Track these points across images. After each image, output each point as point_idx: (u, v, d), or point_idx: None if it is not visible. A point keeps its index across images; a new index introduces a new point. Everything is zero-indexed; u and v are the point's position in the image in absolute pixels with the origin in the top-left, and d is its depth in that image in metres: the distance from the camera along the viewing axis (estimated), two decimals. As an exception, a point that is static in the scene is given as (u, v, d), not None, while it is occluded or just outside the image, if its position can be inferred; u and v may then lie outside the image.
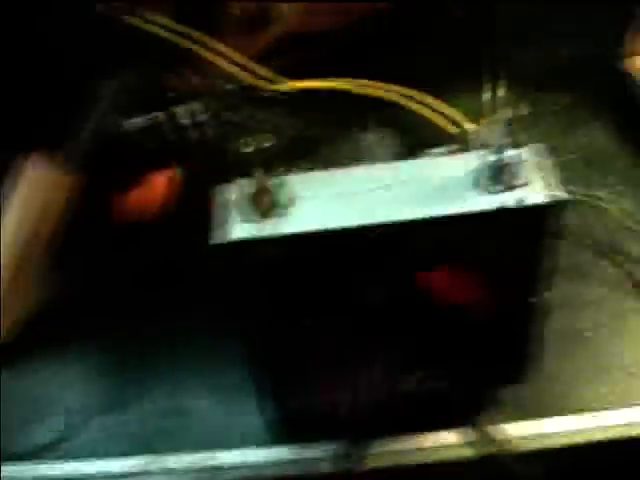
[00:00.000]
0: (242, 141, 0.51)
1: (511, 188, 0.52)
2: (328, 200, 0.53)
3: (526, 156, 0.52)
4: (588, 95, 0.95)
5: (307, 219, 0.52)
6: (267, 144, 0.49)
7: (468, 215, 0.51)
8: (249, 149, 0.51)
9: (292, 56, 0.85)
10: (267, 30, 0.80)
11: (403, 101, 0.77)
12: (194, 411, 0.71)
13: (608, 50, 0.94)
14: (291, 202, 0.53)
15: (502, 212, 0.51)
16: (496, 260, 0.55)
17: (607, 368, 0.72)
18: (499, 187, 0.52)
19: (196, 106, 0.73)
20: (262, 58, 0.82)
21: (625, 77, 0.93)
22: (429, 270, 0.56)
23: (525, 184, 0.52)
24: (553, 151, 0.86)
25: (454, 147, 0.70)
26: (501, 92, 0.80)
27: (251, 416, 0.68)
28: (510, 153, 0.51)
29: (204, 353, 0.73)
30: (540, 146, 0.54)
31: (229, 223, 0.52)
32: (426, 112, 0.78)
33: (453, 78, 0.94)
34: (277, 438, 0.68)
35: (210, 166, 0.68)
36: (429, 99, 0.79)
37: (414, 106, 0.78)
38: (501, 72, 0.86)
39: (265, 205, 0.53)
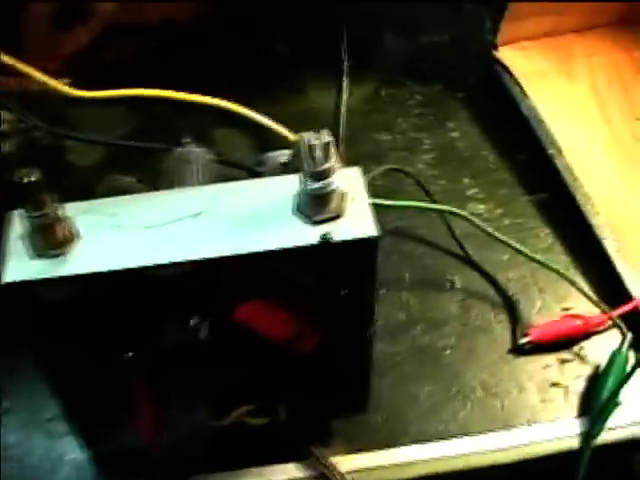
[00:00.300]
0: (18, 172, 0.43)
1: (324, 221, 0.46)
2: (126, 233, 0.47)
3: (342, 182, 0.46)
4: (458, 85, 0.89)
5: (97, 257, 0.45)
6: (34, 177, 0.42)
7: (278, 250, 0.45)
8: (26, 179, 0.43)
9: (117, 52, 0.77)
10: (86, 25, 0.71)
11: (234, 107, 0.69)
12: (12, 446, 0.64)
13: (481, 38, 0.89)
14: (80, 235, 0.46)
15: (312, 247, 0.45)
16: (319, 292, 0.50)
17: (466, 388, 0.67)
18: (314, 218, 0.46)
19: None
20: (83, 56, 0.74)
21: (498, 67, 0.87)
22: (245, 304, 0.50)
23: (339, 216, 0.46)
24: (416, 147, 0.83)
25: (288, 152, 0.64)
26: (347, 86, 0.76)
27: (72, 452, 0.63)
28: (325, 180, 0.45)
29: (24, 384, 0.66)
30: (357, 170, 0.48)
31: (6, 261, 0.46)
32: (260, 119, 0.71)
33: (307, 72, 0.87)
34: (99, 477, 0.63)
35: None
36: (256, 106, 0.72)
37: (247, 113, 0.70)
38: (358, 62, 0.80)
39: (51, 239, 0.45)
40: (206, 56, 0.87)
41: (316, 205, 0.46)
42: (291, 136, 0.69)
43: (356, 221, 0.46)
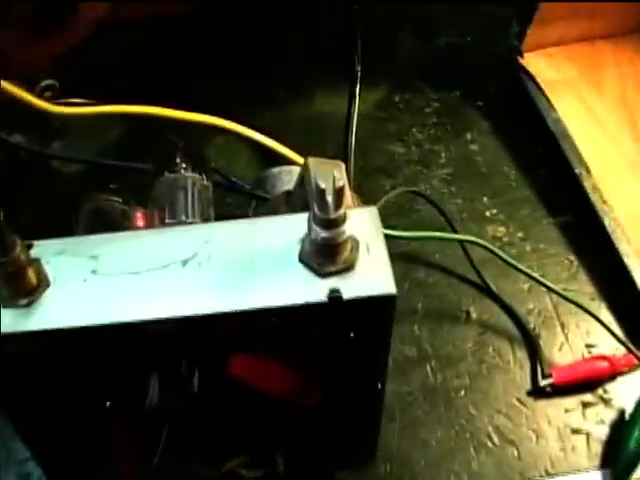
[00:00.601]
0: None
1: (334, 273, 0.39)
2: (105, 280, 0.40)
3: (356, 227, 0.40)
4: (478, 93, 0.83)
5: (68, 310, 0.39)
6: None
7: (278, 308, 0.39)
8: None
9: (111, 51, 0.70)
10: (71, 23, 0.65)
11: (235, 127, 0.63)
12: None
13: (505, 41, 0.82)
14: (52, 282, 0.40)
15: (318, 305, 0.39)
16: (323, 347, 0.44)
17: (480, 434, 0.62)
18: (322, 270, 0.40)
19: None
20: (72, 56, 0.67)
21: (522, 74, 0.81)
22: (240, 358, 0.44)
23: (350, 268, 0.39)
24: (431, 160, 0.77)
25: (292, 170, 0.58)
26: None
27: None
28: (336, 229, 0.38)
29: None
30: (373, 211, 0.41)
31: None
32: (264, 140, 0.64)
33: (315, 74, 0.80)
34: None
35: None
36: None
37: (250, 133, 0.63)
38: (370, 63, 0.73)
39: (18, 288, 0.39)
40: (209, 56, 0.80)
41: (325, 255, 0.39)
42: (298, 158, 0.62)
43: (370, 275, 0.40)
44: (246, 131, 0.60)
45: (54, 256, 0.40)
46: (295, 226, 0.41)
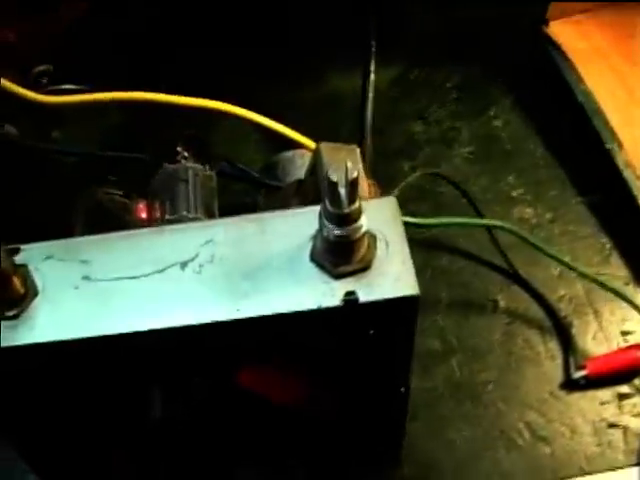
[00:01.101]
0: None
1: (349, 274, 0.35)
2: (97, 287, 0.37)
3: (373, 220, 0.36)
4: (502, 66, 0.78)
5: (57, 321, 0.36)
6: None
7: (288, 314, 0.35)
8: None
9: (106, 32, 0.67)
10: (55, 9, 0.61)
11: (241, 112, 0.59)
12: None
13: (529, 10, 0.77)
14: (41, 290, 0.37)
15: (332, 309, 0.35)
16: (336, 352, 0.40)
17: (511, 431, 0.58)
18: (335, 270, 0.36)
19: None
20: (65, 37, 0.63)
21: (548, 45, 0.76)
22: (248, 367, 0.41)
23: (367, 268, 0.35)
24: (453, 139, 0.73)
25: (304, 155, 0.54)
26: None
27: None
28: (350, 226, 0.34)
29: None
30: (392, 201, 0.37)
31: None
32: (273, 125, 0.60)
33: (327, 51, 0.76)
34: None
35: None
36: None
37: (257, 118, 0.59)
38: (385, 37, 0.69)
39: (3, 297, 0.36)
40: (213, 34, 0.76)
41: (338, 254, 0.36)
42: (308, 142, 0.58)
43: (390, 275, 0.36)
44: (253, 115, 0.56)
45: (43, 261, 0.37)
46: (306, 221, 0.37)
